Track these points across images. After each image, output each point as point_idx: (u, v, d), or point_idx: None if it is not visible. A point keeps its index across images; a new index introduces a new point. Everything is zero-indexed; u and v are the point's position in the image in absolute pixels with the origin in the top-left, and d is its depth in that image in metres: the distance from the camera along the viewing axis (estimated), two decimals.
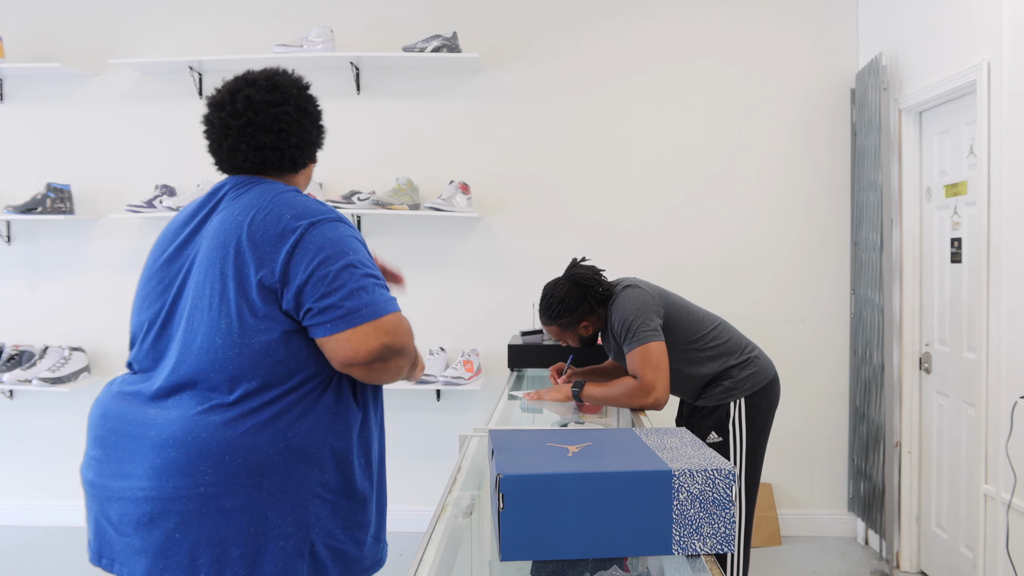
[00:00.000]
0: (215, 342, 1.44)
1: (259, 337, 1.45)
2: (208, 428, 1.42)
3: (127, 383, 1.56)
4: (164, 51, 3.97)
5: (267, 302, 1.45)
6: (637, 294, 2.52)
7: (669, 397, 2.43)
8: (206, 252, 1.50)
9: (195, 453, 1.40)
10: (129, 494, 1.43)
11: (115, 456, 1.47)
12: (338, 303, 1.43)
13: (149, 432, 1.44)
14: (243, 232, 1.47)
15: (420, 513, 3.98)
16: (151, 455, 1.42)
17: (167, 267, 1.56)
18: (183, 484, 1.39)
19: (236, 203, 1.53)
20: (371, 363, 1.46)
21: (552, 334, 2.72)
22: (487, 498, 1.59)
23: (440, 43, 3.77)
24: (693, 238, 3.91)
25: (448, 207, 3.73)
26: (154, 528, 1.40)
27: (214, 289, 1.46)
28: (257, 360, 1.44)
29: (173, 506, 1.39)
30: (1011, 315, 2.64)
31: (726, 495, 1.27)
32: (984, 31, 2.79)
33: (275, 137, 1.58)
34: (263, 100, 1.57)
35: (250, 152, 1.57)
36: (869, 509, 3.63)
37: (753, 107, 3.89)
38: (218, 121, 1.59)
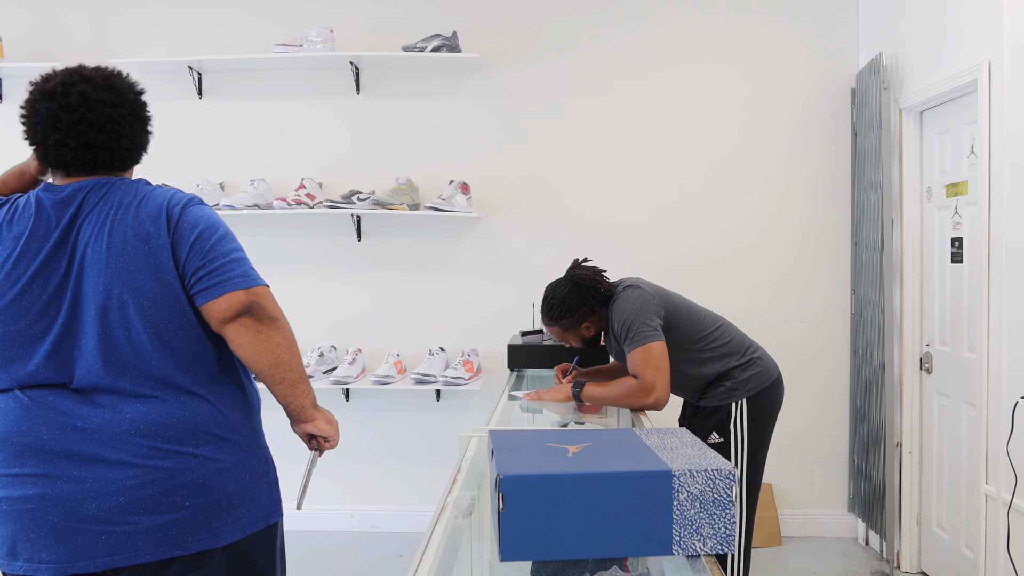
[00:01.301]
0: (159, 338, 1.54)
1: (196, 325, 1.58)
2: (186, 410, 1.55)
3: (34, 399, 1.54)
4: (163, 51, 3.97)
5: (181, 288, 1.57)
6: (637, 294, 2.52)
7: (670, 397, 2.43)
8: (110, 259, 1.52)
9: (184, 430, 1.55)
10: (114, 487, 1.50)
11: (68, 462, 1.50)
12: (217, 267, 1.58)
13: (118, 428, 1.51)
14: (150, 225, 1.55)
15: (420, 513, 3.98)
16: (129, 446, 1.51)
17: (38, 282, 1.54)
18: (180, 459, 1.53)
19: (110, 208, 1.56)
20: (239, 317, 1.57)
21: (554, 335, 2.72)
22: (487, 498, 1.59)
23: (440, 43, 3.77)
24: (693, 238, 3.91)
25: (448, 207, 3.73)
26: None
27: (142, 290, 1.53)
28: (202, 344, 1.59)
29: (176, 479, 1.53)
30: (1012, 315, 2.64)
31: (726, 495, 1.26)
32: (985, 31, 2.78)
33: (106, 137, 1.58)
34: (98, 99, 1.57)
35: (80, 149, 1.57)
36: (869, 509, 3.63)
37: (753, 107, 3.89)
38: (46, 112, 1.55)
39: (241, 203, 3.74)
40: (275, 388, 1.64)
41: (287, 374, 1.63)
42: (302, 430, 1.75)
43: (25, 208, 1.58)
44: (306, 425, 1.73)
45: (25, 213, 1.57)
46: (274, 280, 4.27)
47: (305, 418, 1.71)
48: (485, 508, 1.66)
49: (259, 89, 3.98)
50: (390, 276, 3.99)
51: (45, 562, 1.49)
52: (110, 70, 1.64)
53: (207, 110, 3.98)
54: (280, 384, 1.63)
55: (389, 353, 3.86)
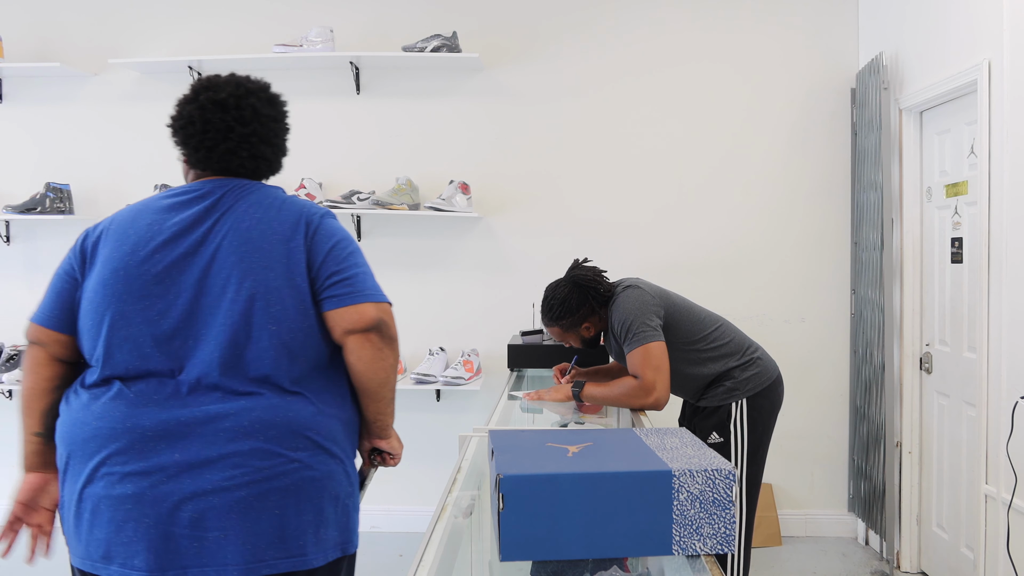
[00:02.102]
0: (279, 337, 1.54)
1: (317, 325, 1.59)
2: (293, 406, 1.53)
3: (137, 393, 1.51)
4: (163, 51, 3.97)
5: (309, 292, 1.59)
6: (637, 294, 2.52)
7: (670, 397, 2.43)
8: (245, 255, 1.55)
9: (288, 431, 1.52)
10: (209, 487, 1.46)
11: (168, 459, 1.46)
12: (350, 277, 1.61)
13: (221, 424, 1.48)
14: (288, 229, 1.58)
15: (420, 513, 3.98)
16: (231, 444, 1.48)
17: (173, 270, 1.55)
18: (279, 461, 1.50)
19: (249, 204, 1.60)
20: (367, 332, 1.58)
21: (554, 335, 2.72)
22: (487, 498, 1.59)
23: (440, 43, 3.77)
24: (693, 238, 3.91)
25: (448, 207, 3.73)
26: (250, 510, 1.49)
27: (271, 287, 1.54)
28: (319, 345, 1.59)
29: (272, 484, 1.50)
30: (1012, 315, 2.64)
31: (726, 495, 1.26)
32: (985, 31, 2.78)
33: (271, 150, 1.67)
34: (267, 114, 1.65)
35: (248, 160, 1.63)
36: (869, 509, 3.63)
37: (753, 107, 3.89)
38: (220, 123, 1.61)
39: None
40: (372, 405, 1.67)
41: (387, 393, 1.67)
42: (375, 444, 1.77)
43: (173, 199, 1.62)
44: (382, 442, 1.76)
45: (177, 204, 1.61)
46: None
47: (386, 435, 1.75)
48: (485, 508, 1.66)
49: None
50: (390, 276, 3.97)
51: (137, 569, 1.45)
52: (265, 82, 1.70)
53: None
54: (379, 402, 1.67)
55: None
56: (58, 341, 1.60)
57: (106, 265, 1.57)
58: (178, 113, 1.68)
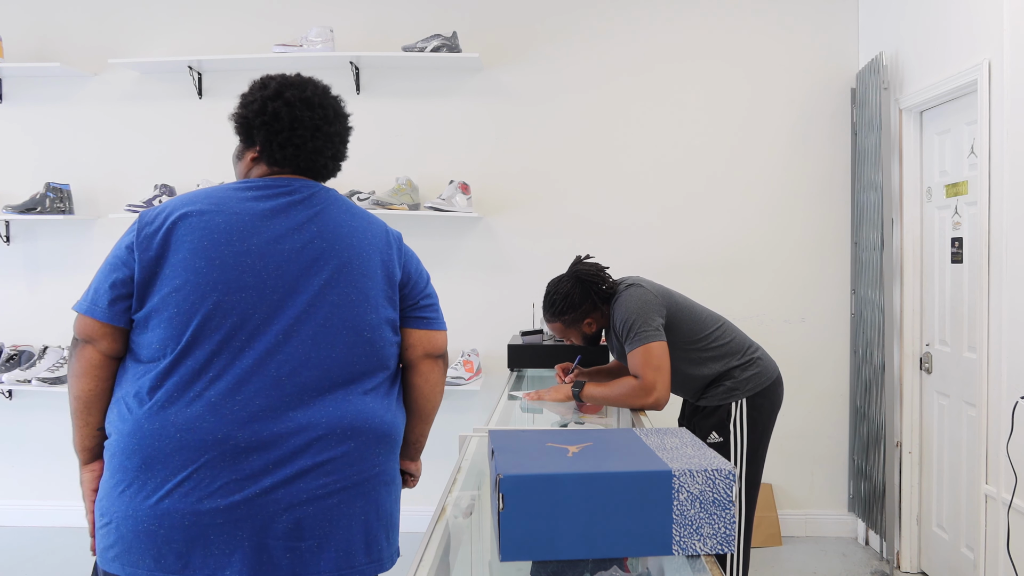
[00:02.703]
0: (370, 343, 1.58)
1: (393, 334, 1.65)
2: (377, 411, 1.57)
3: (225, 398, 1.46)
4: (163, 51, 3.97)
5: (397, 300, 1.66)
6: (640, 293, 2.51)
7: (670, 397, 2.43)
8: (349, 259, 1.57)
9: (373, 437, 1.55)
10: (305, 496, 1.45)
11: (261, 469, 1.44)
12: (435, 304, 1.74)
13: (314, 431, 1.48)
14: (381, 240, 1.64)
15: (420, 513, 3.97)
16: (324, 451, 1.48)
17: (274, 267, 1.53)
18: (365, 466, 1.53)
19: (339, 209, 1.64)
20: (439, 357, 1.70)
21: (555, 331, 2.71)
22: (487, 498, 1.59)
23: (440, 43, 3.77)
24: (693, 238, 3.91)
25: (448, 207, 3.73)
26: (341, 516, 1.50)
27: (369, 295, 1.58)
28: (391, 351, 1.64)
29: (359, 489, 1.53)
30: (1012, 315, 2.64)
31: (726, 495, 1.26)
32: (985, 31, 2.78)
33: (341, 151, 1.71)
34: (344, 115, 1.71)
35: (328, 160, 1.66)
36: (869, 509, 3.63)
37: (753, 107, 3.89)
38: (309, 120, 1.62)
39: None
40: (420, 426, 1.73)
41: (433, 418, 1.74)
42: (405, 467, 1.79)
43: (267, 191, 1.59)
44: (412, 464, 1.80)
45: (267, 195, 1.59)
46: None
47: (417, 457, 1.80)
48: (485, 508, 1.66)
49: None
50: None
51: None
52: (327, 85, 1.72)
53: (207, 110, 3.98)
54: (427, 424, 1.74)
55: None
56: (110, 335, 1.52)
57: (198, 255, 1.50)
58: (259, 108, 1.63)
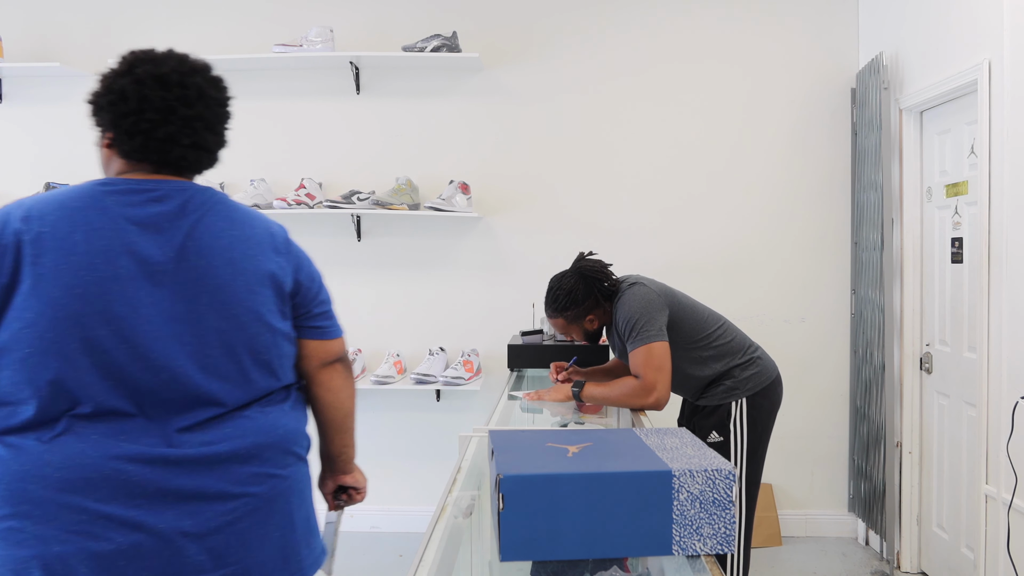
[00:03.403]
0: (259, 357, 1.47)
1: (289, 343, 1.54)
2: (277, 424, 1.48)
3: (110, 431, 1.32)
4: None
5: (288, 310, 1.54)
6: (643, 292, 2.50)
7: (670, 398, 2.43)
8: (232, 276, 1.41)
9: (278, 450, 1.48)
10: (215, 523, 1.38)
11: (161, 501, 1.34)
12: (328, 310, 1.60)
13: (216, 454, 1.39)
14: (267, 247, 1.48)
15: (420, 513, 3.98)
16: (228, 474, 1.40)
17: (146, 289, 1.35)
18: (274, 482, 1.46)
19: (217, 217, 1.43)
20: (336, 362, 1.59)
21: (557, 327, 2.69)
22: (487, 498, 1.59)
23: (440, 43, 3.77)
24: (693, 238, 3.90)
25: (448, 207, 3.73)
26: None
27: (259, 311, 1.45)
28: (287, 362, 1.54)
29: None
30: (1012, 315, 2.64)
31: (726, 495, 1.26)
32: (985, 30, 2.78)
33: (214, 139, 1.46)
34: (214, 96, 1.45)
35: (189, 150, 1.41)
36: (870, 509, 3.63)
37: (753, 107, 3.88)
38: (160, 102, 1.37)
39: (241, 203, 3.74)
40: (339, 437, 1.64)
41: (352, 424, 1.65)
42: (339, 481, 1.72)
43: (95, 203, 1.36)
44: (346, 477, 1.72)
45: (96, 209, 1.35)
46: None
47: (349, 469, 1.72)
48: (485, 508, 1.66)
49: (259, 89, 3.97)
50: (390, 276, 3.99)
51: None
52: (206, 61, 1.50)
53: None
54: (345, 434, 1.64)
55: (389, 353, 3.86)
56: None
57: (54, 281, 1.29)
58: (105, 87, 1.39)
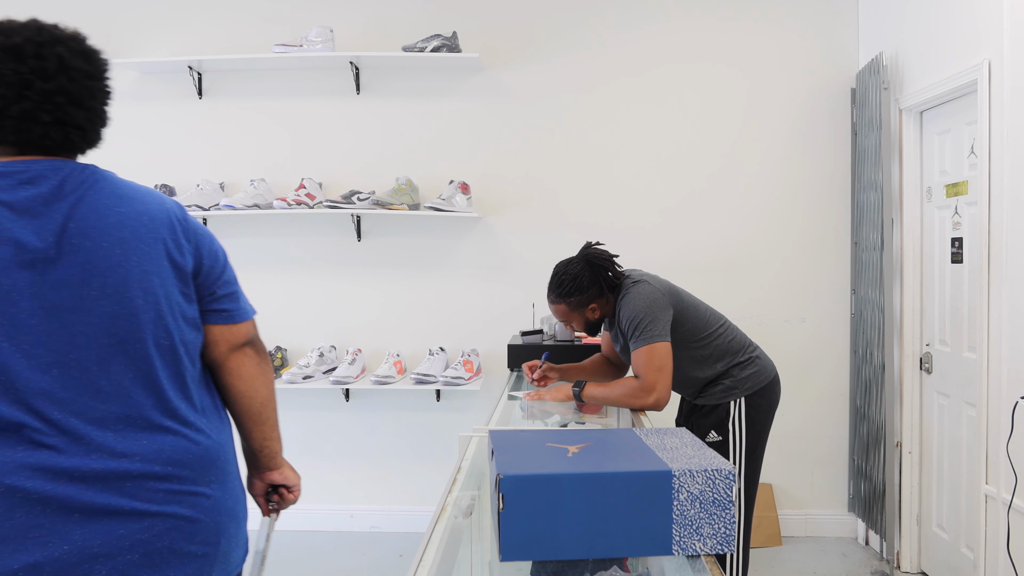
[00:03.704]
0: (174, 353, 1.36)
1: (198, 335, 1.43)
2: (199, 441, 1.38)
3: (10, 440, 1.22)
4: (163, 51, 3.97)
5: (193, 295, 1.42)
6: (648, 291, 2.49)
7: (670, 398, 2.43)
8: (121, 259, 1.28)
9: (199, 465, 1.38)
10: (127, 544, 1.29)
11: (65, 519, 1.23)
12: (235, 291, 1.48)
13: (128, 470, 1.28)
14: (163, 224, 1.34)
15: (420, 513, 3.98)
16: (139, 492, 1.29)
17: (22, 285, 1.24)
18: (194, 500, 1.38)
19: (102, 195, 1.30)
20: (245, 346, 1.48)
21: (558, 314, 2.65)
22: (487, 498, 1.59)
23: (440, 43, 3.77)
24: (693, 238, 3.90)
25: (448, 207, 3.73)
26: None
27: (159, 296, 1.33)
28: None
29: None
30: (1012, 315, 2.64)
31: (726, 495, 1.26)
32: (985, 31, 2.78)
33: (84, 115, 1.31)
34: (79, 68, 1.31)
35: (53, 127, 1.27)
36: (869, 509, 3.63)
37: (753, 107, 3.89)
38: (12, 75, 1.24)
39: (241, 203, 3.74)
40: (257, 429, 1.50)
41: (272, 415, 1.51)
42: (268, 480, 1.58)
43: None
44: (274, 474, 1.57)
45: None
46: (274, 280, 4.28)
47: (275, 465, 1.56)
48: (485, 508, 1.66)
49: (259, 89, 3.98)
50: (390, 276, 4.00)
51: None
52: (80, 33, 1.38)
53: (207, 110, 3.98)
54: (264, 425, 1.50)
55: (389, 353, 3.86)
56: None
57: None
58: None
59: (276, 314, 3.99)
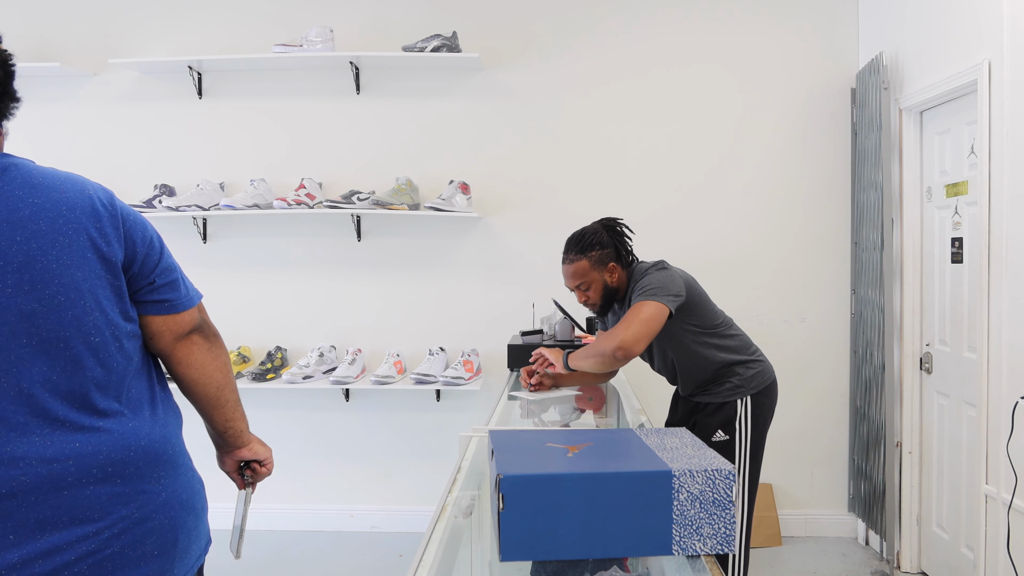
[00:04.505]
0: (94, 352, 1.28)
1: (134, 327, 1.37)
2: (140, 436, 1.33)
3: None
4: (163, 51, 3.97)
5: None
6: (666, 274, 2.47)
7: (639, 351, 2.32)
8: (36, 250, 1.22)
9: (145, 463, 1.34)
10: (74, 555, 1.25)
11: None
12: (176, 279, 1.42)
13: (63, 476, 1.23)
14: (86, 212, 1.28)
15: (420, 513, 3.98)
16: (82, 496, 1.25)
17: None
18: (144, 500, 1.33)
19: (14, 185, 1.26)
20: (191, 333, 1.43)
21: (577, 276, 2.55)
22: (487, 498, 1.59)
23: (440, 43, 3.77)
24: (693, 237, 3.90)
25: (448, 207, 3.73)
26: None
27: (81, 289, 1.26)
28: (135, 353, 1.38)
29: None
30: (1012, 315, 2.64)
31: (726, 495, 1.26)
32: (985, 30, 2.78)
33: None
34: None
35: None
36: (869, 509, 3.63)
37: (753, 107, 3.89)
38: None
39: (241, 203, 3.74)
40: (218, 412, 1.47)
41: (230, 395, 1.47)
42: (237, 457, 1.54)
43: None
44: (242, 450, 1.54)
45: None
46: (274, 280, 4.28)
47: (242, 442, 1.54)
48: (485, 508, 1.66)
49: (259, 89, 3.98)
50: (390, 276, 4.00)
51: None
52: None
53: (207, 110, 3.98)
54: (224, 407, 1.47)
55: (389, 353, 3.86)
56: None
57: None
58: None
59: (276, 314, 3.99)
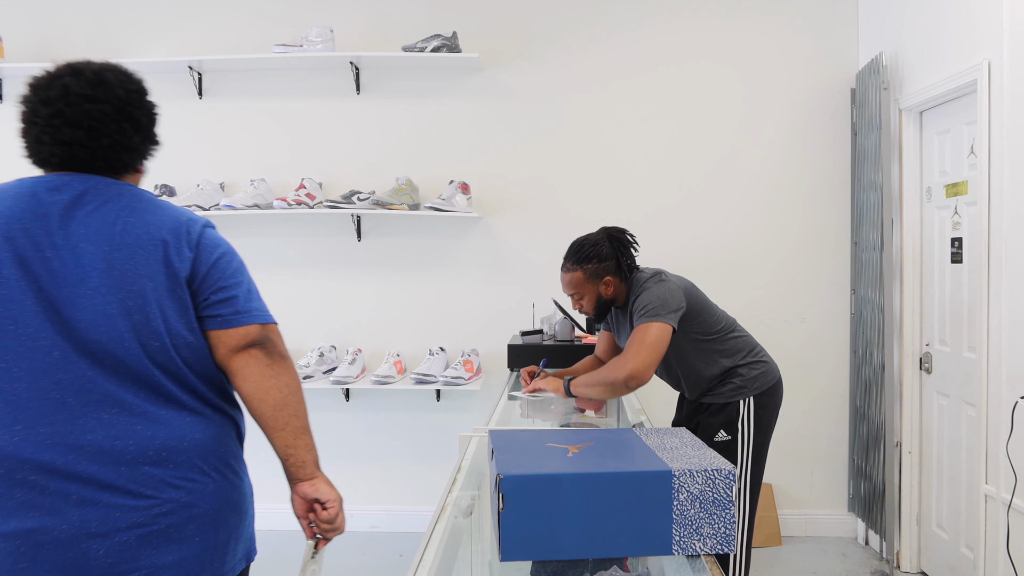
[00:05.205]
0: (167, 352, 1.44)
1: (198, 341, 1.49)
2: (195, 431, 1.47)
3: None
4: (164, 51, 3.97)
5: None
6: (666, 284, 2.47)
7: (649, 377, 2.33)
8: (118, 261, 1.40)
9: (197, 455, 1.48)
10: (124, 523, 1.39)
11: (66, 488, 1.37)
12: (234, 296, 1.51)
13: (124, 449, 1.40)
14: (169, 234, 1.44)
15: (420, 513, 3.98)
16: (138, 474, 1.41)
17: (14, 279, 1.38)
18: (189, 487, 1.46)
19: (118, 206, 1.44)
20: (250, 348, 1.49)
21: (572, 285, 2.57)
22: (487, 498, 1.59)
23: (440, 43, 3.77)
24: (693, 237, 3.91)
25: (448, 207, 3.73)
26: None
27: (149, 299, 1.42)
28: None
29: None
30: (1011, 315, 2.64)
31: (726, 495, 1.26)
32: (985, 31, 2.78)
33: (83, 134, 1.44)
34: (81, 93, 1.43)
35: (55, 146, 1.44)
36: (869, 509, 3.63)
37: (753, 107, 3.89)
38: (28, 105, 1.46)
39: (241, 203, 3.74)
40: (277, 435, 1.49)
41: (292, 420, 1.49)
42: (300, 493, 1.53)
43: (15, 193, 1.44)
44: (304, 484, 1.51)
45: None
46: (274, 280, 4.28)
47: (304, 475, 1.51)
48: (485, 508, 1.66)
49: (259, 89, 3.98)
50: (390, 276, 4.00)
51: None
52: (108, 64, 1.49)
53: (207, 110, 3.98)
54: (283, 431, 1.49)
55: (389, 353, 3.86)
56: None
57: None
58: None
59: (276, 314, 3.97)
